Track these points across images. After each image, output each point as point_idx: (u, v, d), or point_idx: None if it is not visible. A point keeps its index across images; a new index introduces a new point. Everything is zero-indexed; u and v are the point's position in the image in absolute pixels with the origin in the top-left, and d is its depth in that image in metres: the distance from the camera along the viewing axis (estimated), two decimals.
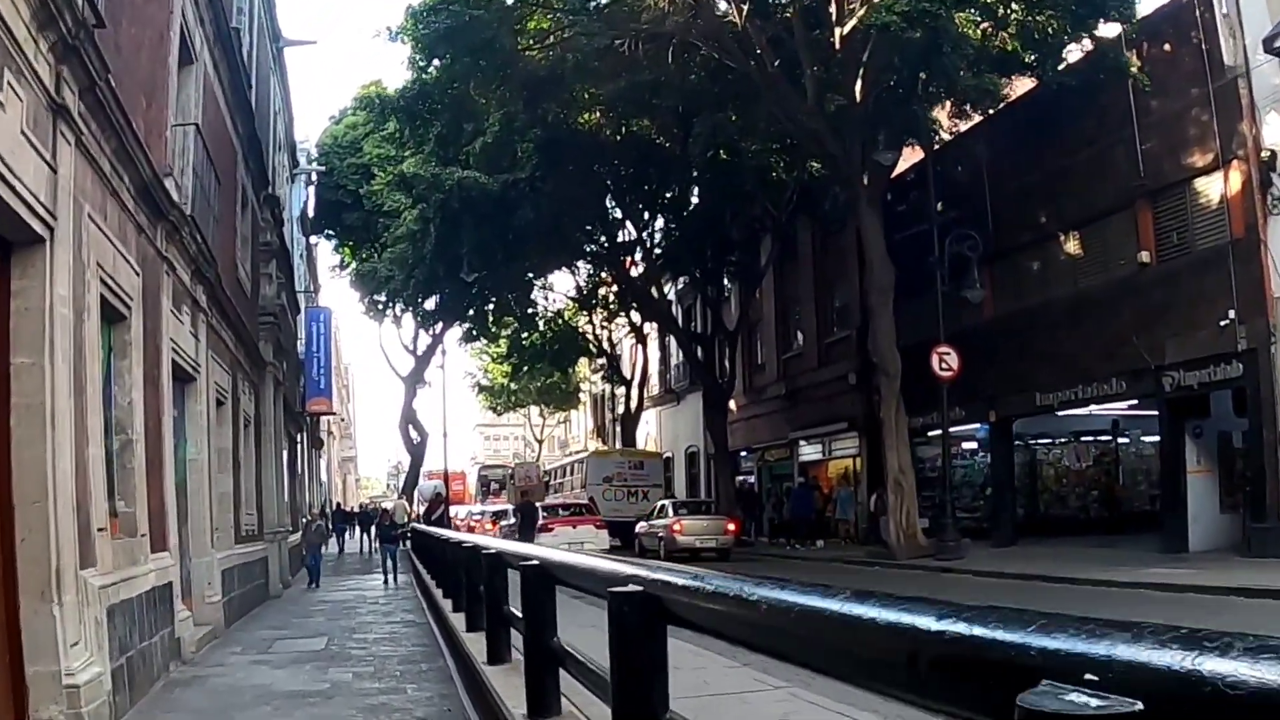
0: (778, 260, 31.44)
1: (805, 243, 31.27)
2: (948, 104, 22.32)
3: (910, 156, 24.10)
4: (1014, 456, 24.05)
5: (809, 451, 31.72)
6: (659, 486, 34.23)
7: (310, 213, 42.98)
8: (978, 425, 24.39)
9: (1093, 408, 22.20)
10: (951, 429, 24.49)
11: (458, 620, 10.19)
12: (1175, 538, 18.43)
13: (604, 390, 57.44)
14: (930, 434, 26.11)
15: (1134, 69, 17.32)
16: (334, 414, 38.27)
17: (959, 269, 20.53)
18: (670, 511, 27.80)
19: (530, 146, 24.26)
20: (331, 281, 47.31)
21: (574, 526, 23.04)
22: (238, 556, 15.11)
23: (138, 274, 9.38)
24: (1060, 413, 22.67)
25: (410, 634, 12.57)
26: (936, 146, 21.92)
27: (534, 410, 67.19)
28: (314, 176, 40.97)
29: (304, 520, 21.65)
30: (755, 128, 21.40)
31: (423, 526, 28.14)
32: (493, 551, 7.41)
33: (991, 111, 22.01)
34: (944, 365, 20.10)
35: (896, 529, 19.95)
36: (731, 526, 27.95)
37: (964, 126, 23.12)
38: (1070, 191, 21.17)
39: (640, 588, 3.23)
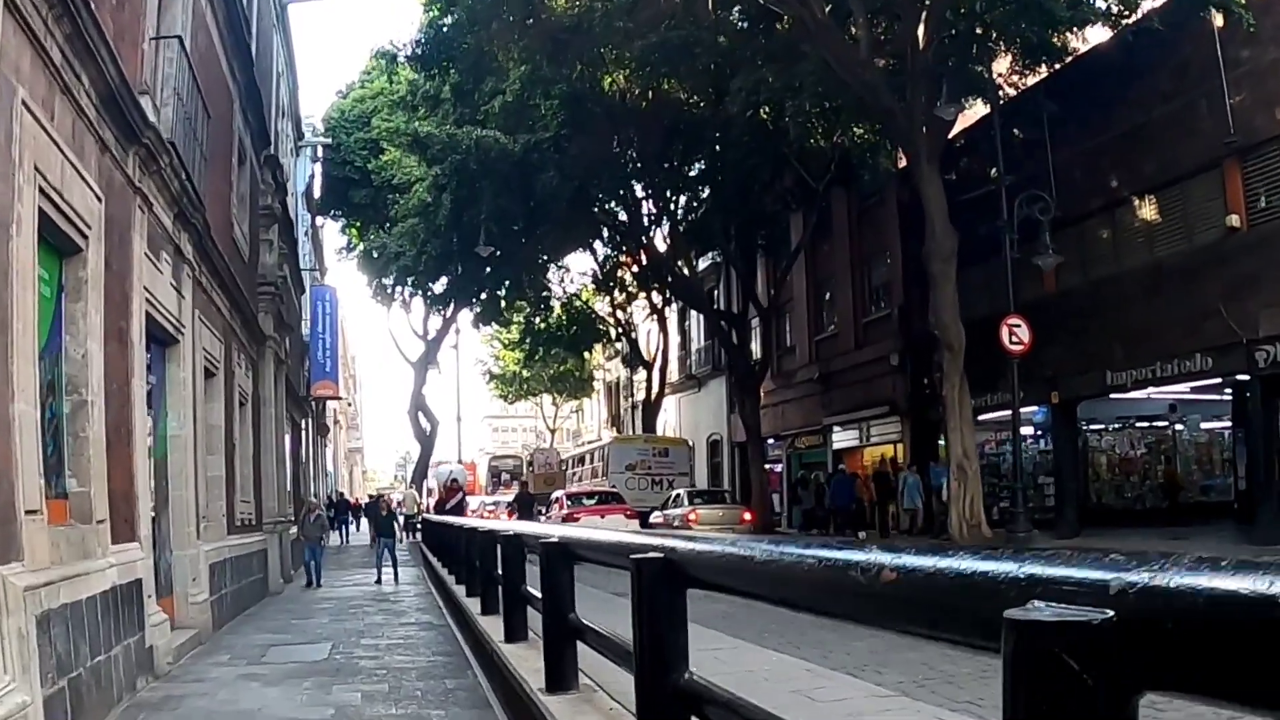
0: (812, 236, 29.54)
1: (840, 217, 29.35)
2: (1008, 56, 20.45)
3: (961, 119, 22.19)
4: (1078, 441, 22.18)
5: (843, 438, 29.86)
6: (685, 475, 32.37)
7: (316, 192, 41.26)
8: (1034, 408, 22.54)
9: (1150, 390, 20.42)
10: (1002, 413, 22.73)
11: (490, 626, 8.43)
12: (1269, 528, 16.53)
13: (619, 377, 55.61)
14: (981, 417, 24.30)
15: (1239, 5, 15.37)
16: (340, 398, 36.45)
17: (1026, 235, 18.64)
18: (685, 500, 26.91)
19: (555, 104, 22.35)
20: (339, 264, 45.60)
21: (602, 516, 21.24)
22: (230, 549, 13.34)
23: (99, 199, 7.60)
24: (1131, 394, 20.84)
25: (429, 640, 10.78)
26: (1001, 102, 20.00)
27: (546, 399, 65.34)
28: (320, 151, 39.16)
29: (303, 510, 19.73)
30: (800, 84, 19.50)
31: (435, 516, 26.45)
32: (555, 540, 5.71)
33: (1059, 66, 20.18)
34: (1014, 339, 18.22)
35: (959, 518, 18.13)
36: (748, 516, 27.18)
37: (1027, 82, 21.18)
38: (1146, 152, 19.26)
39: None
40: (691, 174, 27.97)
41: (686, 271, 27.96)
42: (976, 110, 22.10)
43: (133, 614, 7.87)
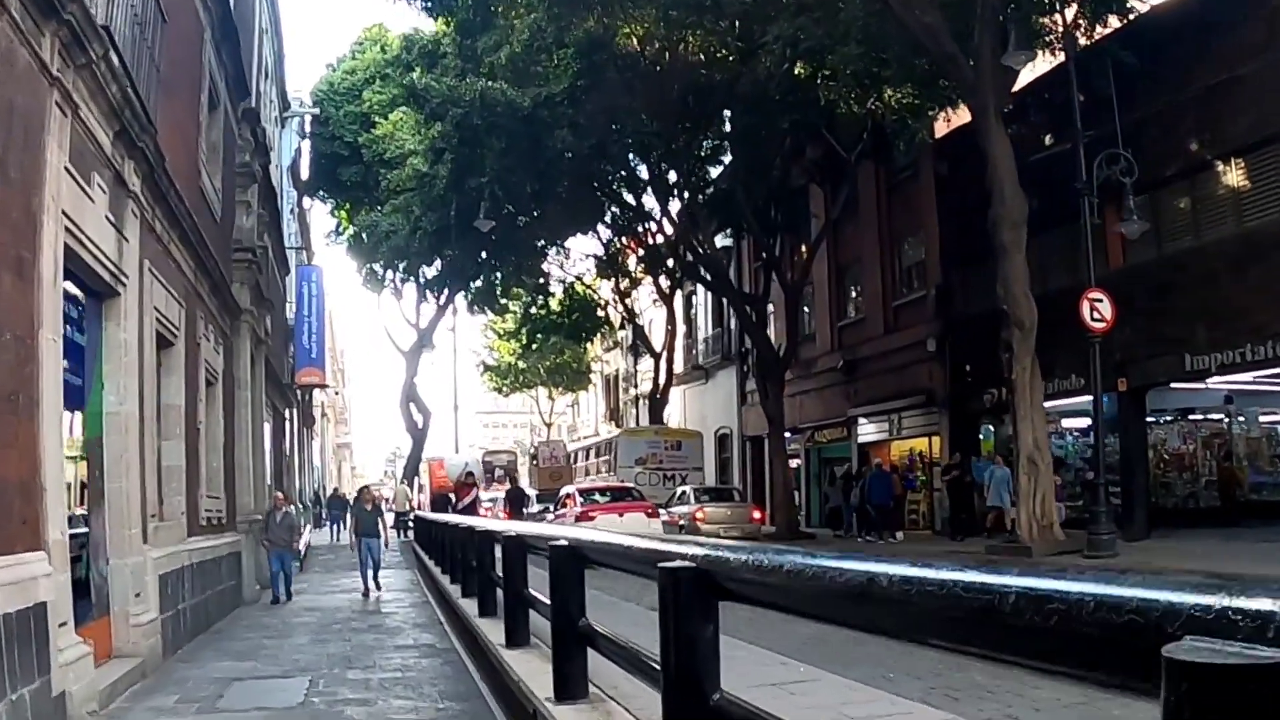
0: (840, 213, 27.33)
1: (868, 193, 27.16)
2: (1074, 4, 18.32)
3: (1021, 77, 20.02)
4: (1147, 434, 20.10)
5: (870, 430, 27.71)
6: (699, 470, 30.15)
7: (304, 172, 38.97)
8: (1092, 397, 20.43)
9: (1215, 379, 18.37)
10: (1060, 401, 20.66)
11: (519, 664, 6.29)
12: None
13: (618, 369, 53.42)
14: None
15: None
16: (326, 386, 34.14)
17: (1104, 199, 16.54)
18: (692, 498, 25.22)
19: (569, 53, 20.02)
20: (327, 250, 43.19)
21: (620, 515, 18.99)
22: (192, 553, 11.11)
23: None
24: (1203, 382, 18.79)
25: (433, 671, 8.57)
26: (1065, 55, 17.82)
27: (542, 393, 63.04)
28: (308, 126, 36.89)
29: (267, 508, 16.35)
30: (847, 32, 17.33)
31: (449, 515, 24.30)
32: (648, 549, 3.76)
33: (1132, 17, 18.09)
34: (1095, 315, 16.07)
35: (1029, 518, 15.99)
36: (757, 515, 25.66)
37: (1095, 35, 19.03)
38: (1232, 111, 17.15)
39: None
40: (711, 141, 25.62)
41: (705, 248, 25.58)
42: (1035, 69, 19.93)
43: (29, 652, 5.65)
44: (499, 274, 38.26)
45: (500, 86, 20.11)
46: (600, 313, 40.10)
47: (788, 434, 31.04)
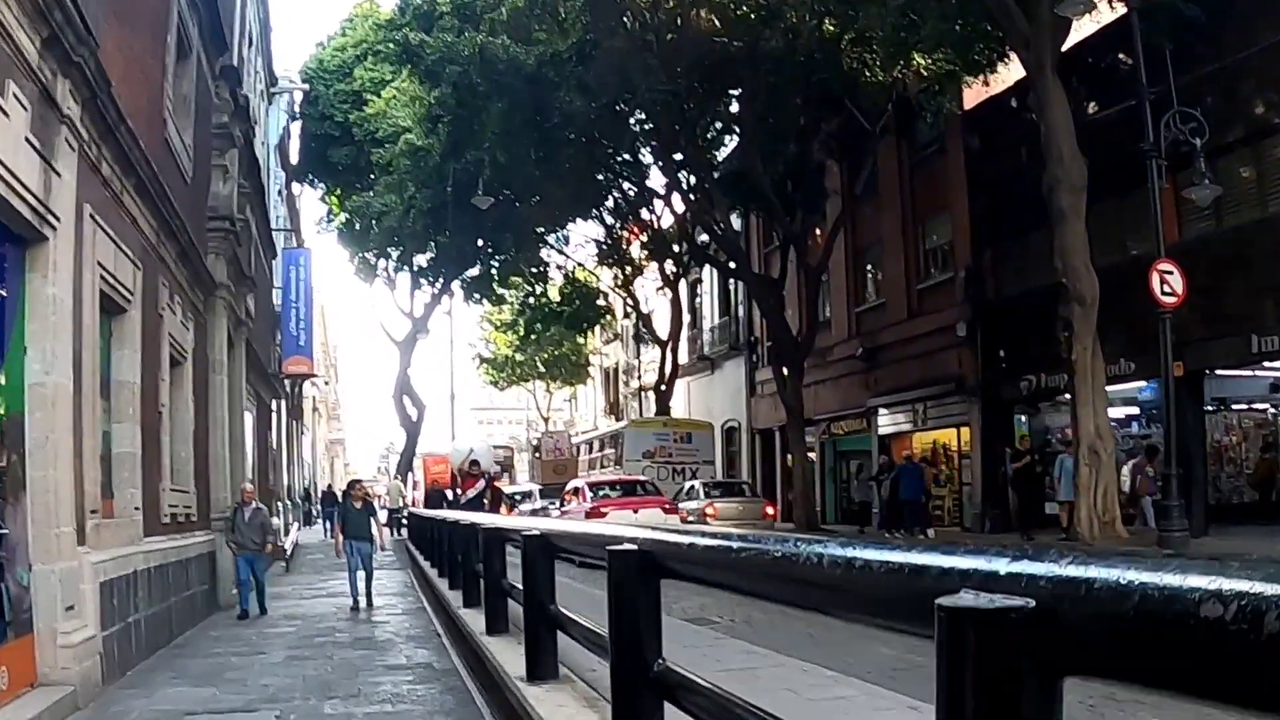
0: (852, 194, 25.75)
1: (889, 171, 25.58)
2: None
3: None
4: (1205, 422, 18.61)
5: (892, 421, 26.16)
6: (710, 463, 28.51)
7: (295, 157, 37.35)
8: (1143, 383, 18.99)
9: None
10: (1108, 388, 19.22)
11: (544, 703, 4.78)
12: None
13: (618, 362, 51.87)
14: (1061, 397, 20.80)
15: None
16: (315, 375, 32.47)
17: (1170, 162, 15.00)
18: (701, 493, 24.07)
19: (578, 4, 18.31)
20: (318, 238, 41.50)
21: (635, 510, 17.38)
22: (149, 556, 9.54)
23: None
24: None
25: (433, 701, 7.01)
26: (1126, 4, 16.27)
27: (538, 387, 61.41)
28: (297, 106, 35.31)
29: (234, 503, 13.54)
30: None
31: (426, 511, 22.70)
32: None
33: None
34: (1166, 288, 14.54)
35: (1089, 514, 14.47)
36: (770, 510, 24.59)
37: None
38: None
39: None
40: (726, 105, 23.88)
41: (719, 227, 23.89)
42: (1080, 28, 18.39)
43: None
44: (496, 261, 36.74)
45: (502, 42, 18.43)
46: (602, 301, 38.48)
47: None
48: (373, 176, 31.31)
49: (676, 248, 30.68)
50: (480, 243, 32.40)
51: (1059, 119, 14.75)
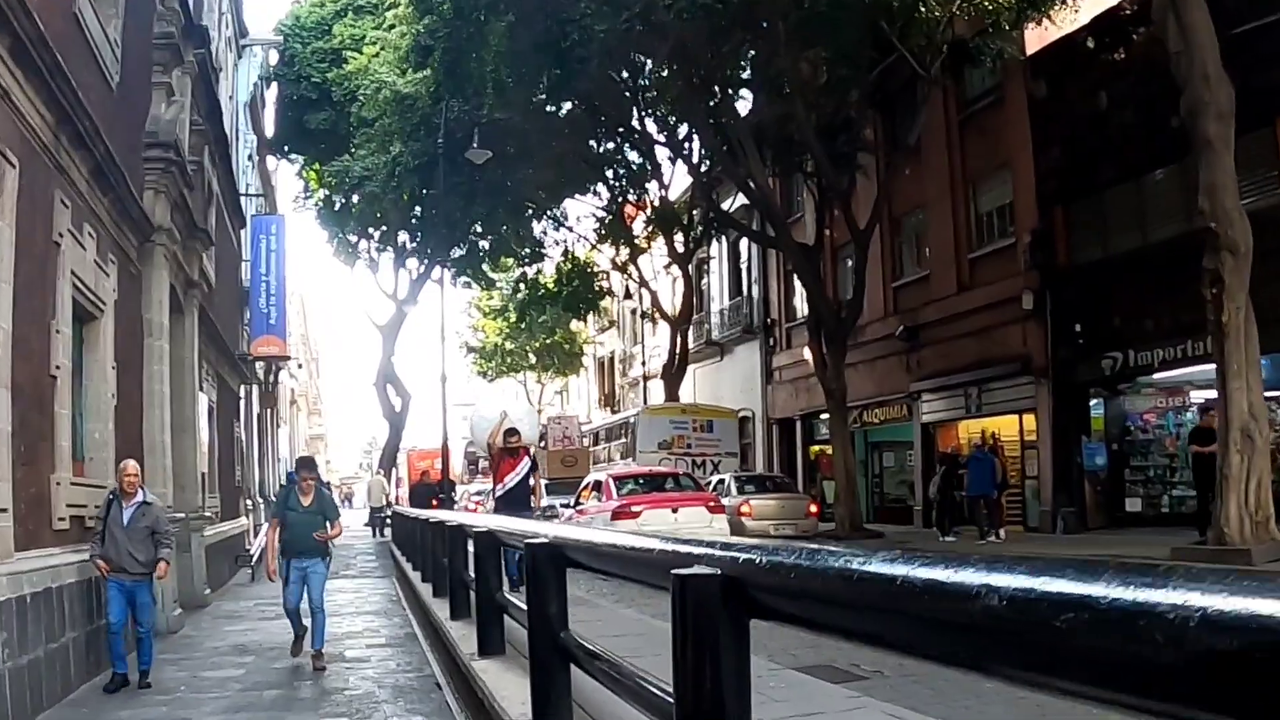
0: (889, 155, 22.84)
1: (934, 129, 22.66)
2: None
3: None
4: None
5: (937, 408, 23.29)
6: (733, 455, 25.43)
7: (270, 128, 34.27)
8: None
9: None
10: (1174, 372, 16.71)
11: None
12: None
13: (613, 351, 48.96)
14: (1159, 376, 18.07)
15: None
16: (288, 358, 29.35)
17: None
18: (734, 489, 21.04)
19: None
20: (295, 216, 38.30)
21: (674, 510, 14.35)
22: (30, 578, 6.56)
23: None
24: None
25: None
26: None
27: (530, 379, 58.38)
28: (273, 61, 32.20)
29: (107, 494, 8.22)
30: None
31: (412, 510, 19.78)
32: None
33: None
34: None
35: (1239, 510, 11.67)
36: (814, 508, 21.76)
37: None
38: None
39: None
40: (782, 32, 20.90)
41: (752, 183, 20.79)
42: None
43: None
44: (487, 241, 33.81)
45: None
46: (599, 283, 35.45)
47: (825, 414, 26.64)
48: (353, 141, 28.29)
49: (686, 219, 27.79)
50: (471, 215, 29.46)
51: (1202, 30, 11.88)
